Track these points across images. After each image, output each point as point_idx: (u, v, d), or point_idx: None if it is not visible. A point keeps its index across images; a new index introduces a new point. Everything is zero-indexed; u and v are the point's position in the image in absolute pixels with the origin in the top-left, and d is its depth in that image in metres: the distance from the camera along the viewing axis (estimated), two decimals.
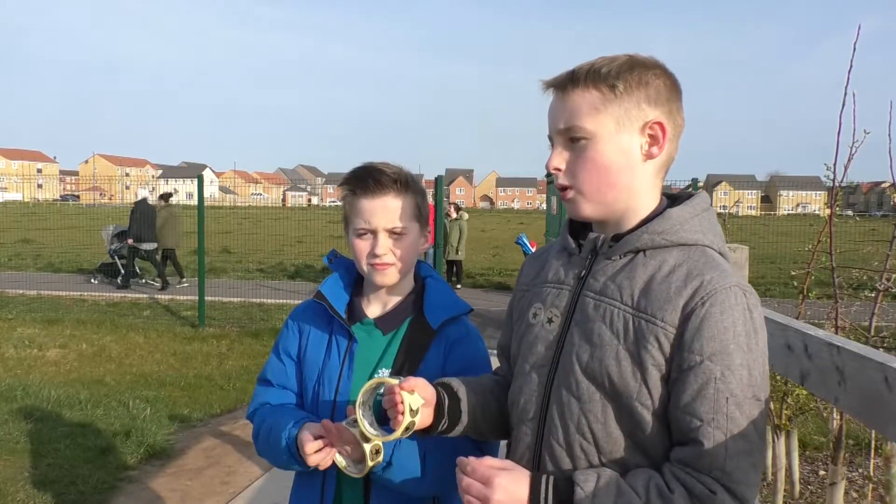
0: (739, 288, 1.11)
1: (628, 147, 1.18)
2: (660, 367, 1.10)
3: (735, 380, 1.06)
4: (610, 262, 1.20)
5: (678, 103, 1.21)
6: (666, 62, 1.23)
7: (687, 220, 1.19)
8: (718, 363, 1.06)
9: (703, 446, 1.05)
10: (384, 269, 1.54)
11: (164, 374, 7.27)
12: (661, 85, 1.19)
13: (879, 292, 3.67)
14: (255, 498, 4.23)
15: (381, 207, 1.52)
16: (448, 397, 1.31)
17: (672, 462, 1.09)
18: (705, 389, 1.06)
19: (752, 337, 1.09)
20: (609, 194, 1.20)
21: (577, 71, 1.20)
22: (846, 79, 3.52)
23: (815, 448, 4.98)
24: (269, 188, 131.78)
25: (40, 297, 12.28)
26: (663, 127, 1.18)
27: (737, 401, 1.06)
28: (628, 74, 1.17)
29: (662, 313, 1.11)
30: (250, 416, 1.67)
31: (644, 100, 1.17)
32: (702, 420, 1.06)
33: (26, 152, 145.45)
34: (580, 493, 1.07)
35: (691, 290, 1.10)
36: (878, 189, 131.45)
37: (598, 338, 1.15)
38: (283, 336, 1.69)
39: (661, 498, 1.05)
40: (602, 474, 1.10)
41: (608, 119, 1.17)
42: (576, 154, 1.20)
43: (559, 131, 1.21)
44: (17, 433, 5.08)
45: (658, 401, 1.11)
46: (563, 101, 1.20)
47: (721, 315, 1.08)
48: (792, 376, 1.71)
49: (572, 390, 1.17)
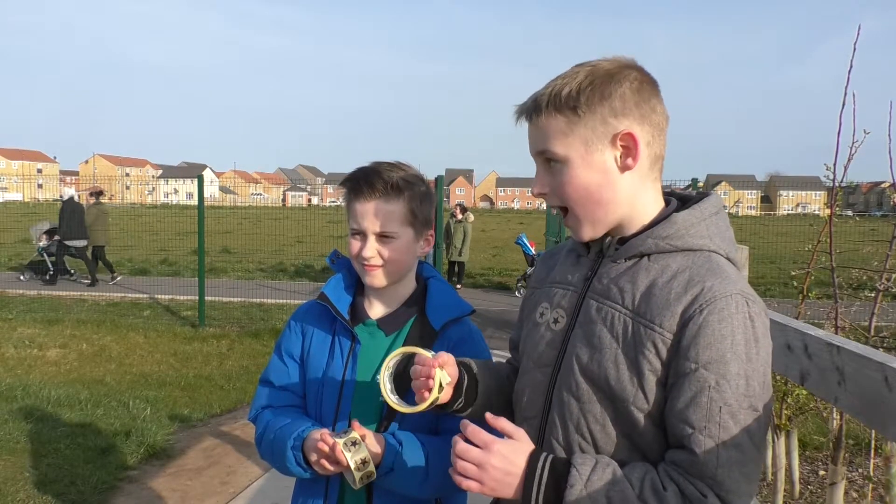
0: (742, 296, 1.10)
1: (602, 164, 1.17)
2: (656, 372, 1.10)
3: (730, 389, 1.06)
4: (615, 265, 1.21)
5: (651, 102, 1.18)
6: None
7: (693, 224, 1.18)
8: (713, 372, 1.06)
9: (694, 454, 1.05)
10: (372, 271, 1.56)
11: (164, 374, 7.27)
12: (626, 91, 1.16)
13: (879, 292, 3.67)
14: (255, 498, 4.23)
15: (371, 211, 1.53)
16: (468, 378, 1.33)
17: (667, 462, 1.10)
18: (699, 398, 1.06)
19: (751, 346, 1.08)
20: (597, 212, 1.20)
21: (538, 98, 1.19)
22: (846, 79, 3.52)
23: (815, 448, 4.99)
24: (269, 188, 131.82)
25: (40, 297, 12.28)
26: (634, 137, 1.16)
27: (731, 410, 1.05)
28: (589, 92, 1.15)
29: (661, 319, 1.10)
30: (253, 419, 1.67)
31: (609, 114, 1.15)
32: (694, 428, 1.06)
33: (26, 152, 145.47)
34: (575, 474, 1.08)
35: (691, 297, 1.10)
36: (878, 189, 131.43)
37: (598, 340, 1.16)
38: (285, 337, 1.69)
39: (655, 493, 1.05)
40: (600, 461, 1.10)
41: (576, 141, 1.17)
42: (554, 177, 1.21)
43: (536, 154, 1.23)
44: (17, 433, 5.08)
45: (654, 405, 1.11)
46: (534, 127, 1.22)
47: (719, 323, 1.07)
48: (792, 376, 1.71)
49: (572, 391, 1.18)
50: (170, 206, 54.49)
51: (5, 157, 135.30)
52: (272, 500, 4.16)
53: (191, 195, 72.51)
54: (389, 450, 1.44)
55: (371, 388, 1.55)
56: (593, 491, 1.06)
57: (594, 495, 1.06)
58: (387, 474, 1.44)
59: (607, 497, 1.06)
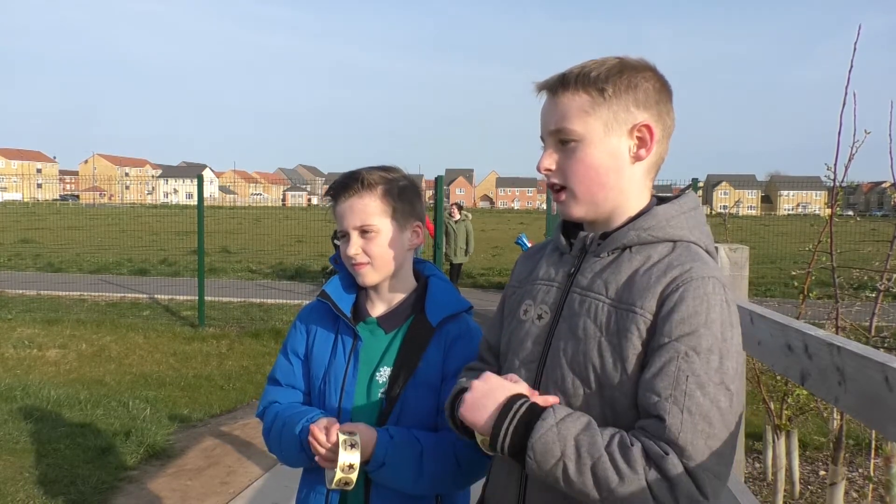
0: (718, 280, 1.13)
1: (616, 149, 1.21)
2: (640, 355, 1.12)
3: (699, 361, 1.07)
4: (598, 260, 1.23)
5: (668, 105, 1.24)
6: (667, 62, 1.25)
7: (673, 216, 1.22)
8: (684, 343, 1.08)
9: (661, 419, 1.06)
10: (360, 269, 1.59)
11: (164, 374, 7.28)
12: (650, 88, 1.21)
13: (880, 292, 3.67)
14: (255, 498, 4.23)
15: (349, 209, 1.59)
16: None
17: (636, 428, 1.11)
18: (667, 367, 1.08)
19: (727, 328, 1.10)
20: (599, 194, 1.23)
21: (567, 74, 1.22)
22: (847, 79, 3.52)
23: (815, 448, 4.99)
24: (268, 188, 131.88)
25: (40, 297, 12.29)
26: (651, 129, 1.21)
27: (699, 381, 1.06)
28: (617, 78, 1.19)
29: (642, 301, 1.13)
30: (260, 415, 1.71)
31: (632, 103, 1.20)
32: (660, 396, 1.07)
33: (26, 152, 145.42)
34: (550, 412, 1.10)
35: (670, 278, 1.13)
36: (878, 189, 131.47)
37: (582, 332, 1.18)
38: (290, 336, 1.73)
39: (622, 446, 1.06)
40: (578, 412, 1.13)
41: (597, 122, 1.20)
42: (566, 156, 1.23)
43: (550, 133, 1.24)
44: (17, 433, 5.08)
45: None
46: (553, 104, 1.23)
47: (694, 300, 1.10)
48: (792, 376, 1.70)
49: (559, 384, 1.20)
50: (169, 206, 54.50)
51: (5, 157, 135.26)
52: (272, 500, 4.16)
53: (191, 195, 72.58)
54: (381, 444, 1.46)
55: (371, 384, 1.60)
56: (564, 430, 1.08)
57: (563, 434, 1.08)
58: (379, 468, 1.47)
59: (576, 440, 1.07)
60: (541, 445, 1.07)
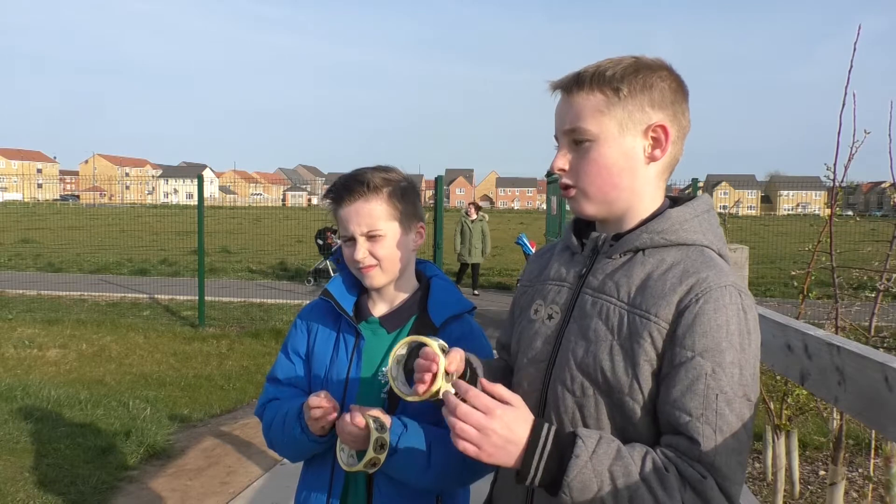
0: (735, 288, 1.12)
1: (631, 149, 1.20)
2: (651, 362, 1.11)
3: (726, 377, 1.07)
4: (610, 261, 1.22)
5: (683, 105, 1.23)
6: (667, 62, 1.23)
7: (686, 220, 1.21)
8: (709, 360, 1.07)
9: (693, 441, 1.06)
10: (368, 272, 1.59)
11: (164, 374, 7.28)
12: (666, 88, 1.20)
13: (879, 292, 3.67)
14: (255, 498, 4.23)
15: (354, 213, 1.58)
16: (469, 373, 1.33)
17: (663, 446, 1.09)
18: (695, 385, 1.07)
19: (745, 337, 1.10)
20: (611, 194, 1.21)
21: (582, 73, 1.21)
22: (846, 79, 3.52)
23: (815, 448, 4.98)
24: (268, 188, 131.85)
25: (40, 297, 12.28)
26: (666, 130, 1.19)
27: (727, 398, 1.06)
28: (633, 78, 1.18)
29: (657, 309, 1.12)
30: (259, 413, 1.70)
31: (648, 103, 1.19)
32: (691, 415, 1.06)
33: (26, 152, 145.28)
34: (581, 445, 1.05)
35: (686, 287, 1.12)
36: (878, 189, 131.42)
37: (593, 333, 1.17)
38: (291, 335, 1.72)
39: (657, 472, 1.05)
40: (604, 436, 1.09)
41: (611, 122, 1.19)
42: (579, 155, 1.22)
43: (564, 132, 1.23)
44: (17, 433, 5.07)
45: (648, 396, 1.12)
46: (568, 103, 1.22)
47: (715, 313, 1.09)
48: (792, 376, 1.71)
49: (567, 385, 1.19)
50: (170, 206, 54.49)
51: (5, 157, 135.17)
52: (272, 500, 4.16)
53: (191, 195, 72.55)
54: (395, 431, 1.46)
55: (374, 384, 1.59)
56: (598, 464, 1.05)
57: (598, 468, 1.04)
58: (390, 455, 1.45)
59: (610, 472, 1.04)
60: (578, 483, 1.04)
